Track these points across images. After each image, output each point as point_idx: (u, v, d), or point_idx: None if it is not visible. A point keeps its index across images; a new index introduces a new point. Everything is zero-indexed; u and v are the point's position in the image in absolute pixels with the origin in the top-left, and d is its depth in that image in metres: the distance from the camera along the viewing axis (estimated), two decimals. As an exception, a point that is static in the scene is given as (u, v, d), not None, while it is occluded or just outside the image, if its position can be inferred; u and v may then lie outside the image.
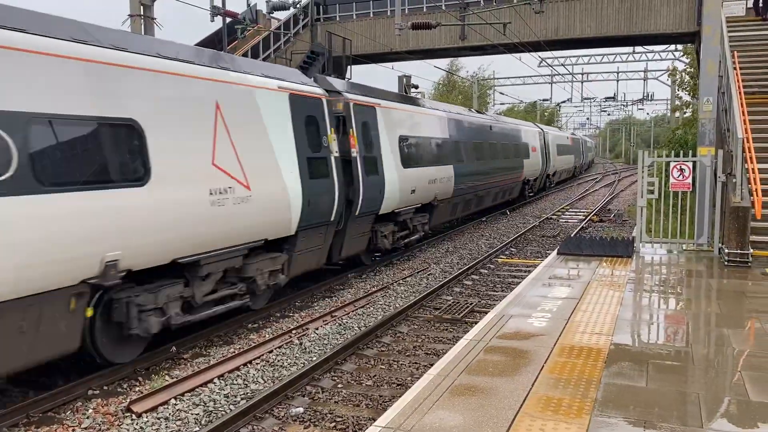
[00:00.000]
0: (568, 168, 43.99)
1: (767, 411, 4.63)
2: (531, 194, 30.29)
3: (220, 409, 6.78)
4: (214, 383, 7.45)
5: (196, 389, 7.25)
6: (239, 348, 8.72)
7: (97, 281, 6.72)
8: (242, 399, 7.04)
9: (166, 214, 7.47)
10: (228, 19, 19.43)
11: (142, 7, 14.07)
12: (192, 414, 6.62)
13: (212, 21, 17.03)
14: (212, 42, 20.88)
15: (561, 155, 39.40)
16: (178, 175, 7.73)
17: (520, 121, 31.29)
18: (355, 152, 12.19)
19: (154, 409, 6.70)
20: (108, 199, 6.74)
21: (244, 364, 8.05)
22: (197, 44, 20.66)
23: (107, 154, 6.83)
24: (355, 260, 13.66)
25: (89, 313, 6.86)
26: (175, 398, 6.97)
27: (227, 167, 8.53)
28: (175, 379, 7.41)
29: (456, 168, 17.67)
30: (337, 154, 11.47)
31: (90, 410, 6.65)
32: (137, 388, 7.35)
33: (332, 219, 11.39)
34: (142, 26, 13.91)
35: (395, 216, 14.36)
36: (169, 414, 6.60)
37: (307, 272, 11.43)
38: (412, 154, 14.91)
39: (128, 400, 6.81)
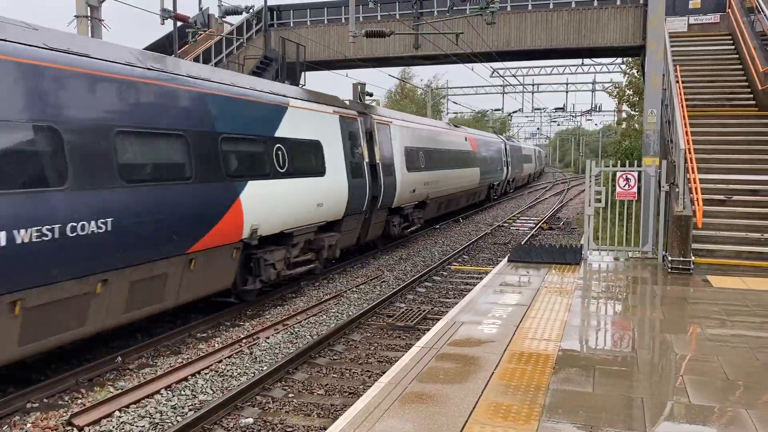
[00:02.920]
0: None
1: (707, 413, 4.77)
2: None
3: (166, 420, 6.60)
4: (161, 394, 7.26)
5: (142, 401, 7.05)
6: (187, 358, 8.52)
7: None
8: (190, 410, 6.88)
9: None
10: (179, 23, 19.10)
11: (88, 8, 13.68)
12: (137, 426, 6.43)
13: (162, 24, 16.68)
14: (162, 45, 20.48)
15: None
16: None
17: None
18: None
19: (97, 422, 6.48)
20: None
21: (193, 375, 7.87)
22: (147, 48, 20.23)
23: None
24: None
25: None
26: (120, 410, 6.77)
27: None
28: (119, 391, 7.19)
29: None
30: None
31: (28, 424, 6.39)
32: (79, 401, 7.11)
33: None
34: (89, 27, 13.51)
35: None
36: (113, 427, 6.40)
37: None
38: None
39: (70, 413, 6.57)
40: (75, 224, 6.89)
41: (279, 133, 11.37)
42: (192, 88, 9.20)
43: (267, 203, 10.67)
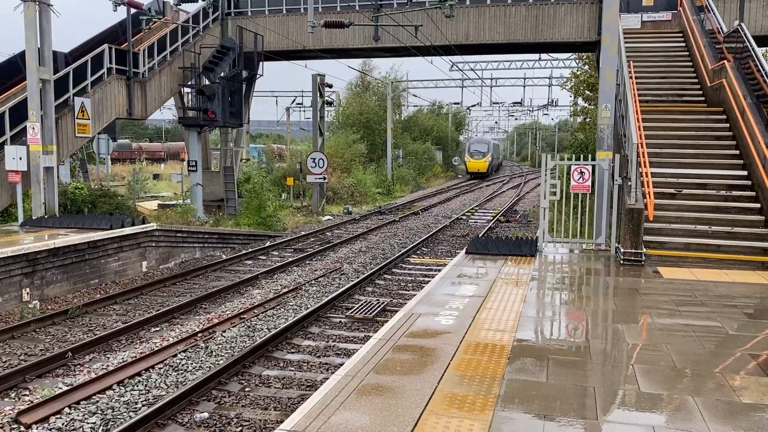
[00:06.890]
0: None
1: (656, 401, 4.90)
2: None
3: (119, 417, 6.46)
4: (113, 389, 7.11)
5: (93, 396, 6.89)
6: (141, 352, 8.35)
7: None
8: (143, 405, 6.75)
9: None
10: (133, 10, 18.61)
11: (37, -8, 13.17)
12: (88, 423, 6.28)
13: (115, 11, 16.19)
14: (115, 33, 19.90)
15: None
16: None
17: None
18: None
19: (45, 419, 6.31)
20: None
21: (146, 369, 7.72)
22: (99, 35, 19.65)
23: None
24: None
25: None
26: (70, 407, 6.60)
27: None
28: (69, 387, 7.01)
29: None
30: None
31: (-28, 423, 6.18)
32: (27, 397, 6.90)
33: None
34: (37, 13, 13.02)
35: None
36: (63, 424, 6.24)
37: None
38: None
39: (16, 411, 6.37)
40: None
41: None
42: (494, 141, 67.50)
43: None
